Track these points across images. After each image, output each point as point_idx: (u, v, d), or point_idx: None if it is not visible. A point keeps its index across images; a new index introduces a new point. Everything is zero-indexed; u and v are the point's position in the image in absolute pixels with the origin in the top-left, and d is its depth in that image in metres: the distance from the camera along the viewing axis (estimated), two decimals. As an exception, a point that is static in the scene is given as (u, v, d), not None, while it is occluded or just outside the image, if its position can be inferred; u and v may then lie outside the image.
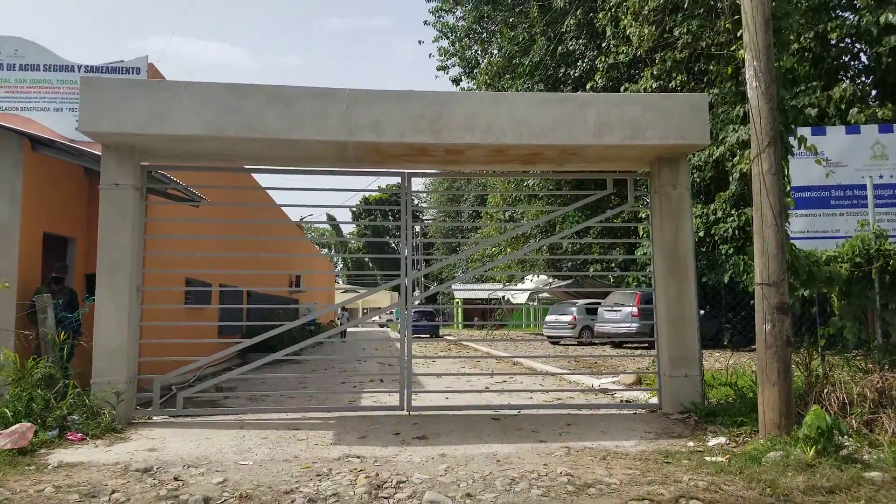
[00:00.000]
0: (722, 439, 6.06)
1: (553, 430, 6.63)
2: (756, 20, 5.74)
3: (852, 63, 14.28)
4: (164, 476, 5.05)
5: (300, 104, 6.80)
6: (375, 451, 5.84)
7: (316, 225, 54.94)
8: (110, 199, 6.98)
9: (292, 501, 4.46)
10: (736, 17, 7.46)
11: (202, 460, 5.48)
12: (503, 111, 6.96)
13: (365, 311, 52.48)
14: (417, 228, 7.34)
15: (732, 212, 14.30)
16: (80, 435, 6.05)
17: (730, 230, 14.22)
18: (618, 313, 19.15)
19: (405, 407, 7.53)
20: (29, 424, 5.82)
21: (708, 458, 5.45)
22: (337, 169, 7.96)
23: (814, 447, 5.17)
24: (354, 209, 46.25)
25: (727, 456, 5.47)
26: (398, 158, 7.54)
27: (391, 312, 45.48)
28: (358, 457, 5.63)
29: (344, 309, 31.36)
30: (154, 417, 7.11)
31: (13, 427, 5.75)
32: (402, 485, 4.89)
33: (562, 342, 22.02)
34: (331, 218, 51.17)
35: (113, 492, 4.70)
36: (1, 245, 7.92)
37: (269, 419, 7.18)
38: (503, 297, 32.81)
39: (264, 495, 4.67)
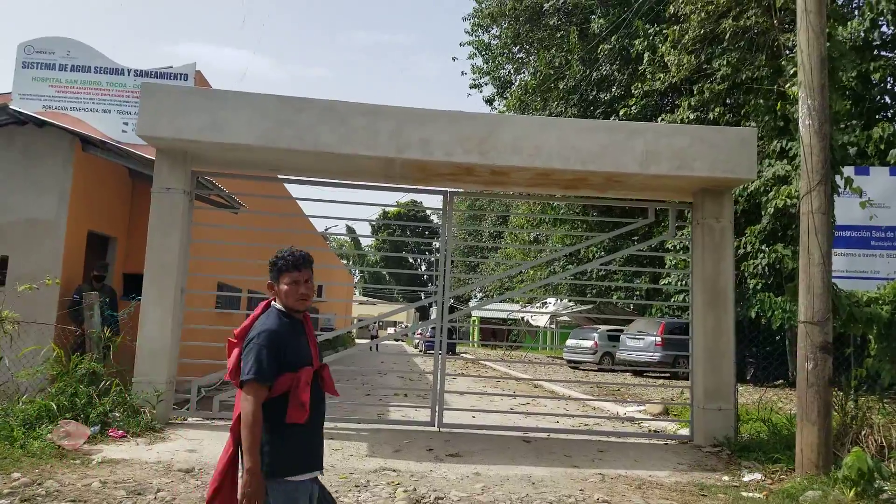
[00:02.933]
0: (757, 475, 6.02)
1: (585, 455, 6.62)
2: (812, 59, 5.77)
3: (893, 103, 14.17)
4: (206, 478, 5.13)
5: (352, 120, 6.92)
6: (410, 465, 5.88)
7: (339, 237, 55.22)
8: (161, 202, 7.14)
9: (336, 511, 4.52)
10: (790, 54, 7.49)
11: (242, 464, 5.54)
12: (552, 136, 7.02)
13: (380, 324, 52.46)
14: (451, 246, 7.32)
15: (763, 248, 14.13)
16: (121, 432, 6.17)
17: (760, 266, 14.04)
18: (641, 341, 19.01)
19: (436, 423, 7.56)
20: (83, 427, 5.97)
21: (744, 494, 5.42)
22: (380, 184, 8.07)
23: (853, 489, 5.13)
24: (382, 223, 46.11)
25: (764, 493, 5.44)
26: (443, 177, 7.64)
27: (407, 327, 45.37)
28: (394, 470, 5.67)
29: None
30: (189, 419, 7.20)
31: (69, 423, 5.94)
32: (440, 501, 4.93)
33: (581, 367, 21.89)
34: (350, 230, 51.42)
35: (158, 490, 4.79)
36: (48, 241, 8.09)
37: (301, 427, 7.22)
38: (522, 318, 32.65)
39: None
